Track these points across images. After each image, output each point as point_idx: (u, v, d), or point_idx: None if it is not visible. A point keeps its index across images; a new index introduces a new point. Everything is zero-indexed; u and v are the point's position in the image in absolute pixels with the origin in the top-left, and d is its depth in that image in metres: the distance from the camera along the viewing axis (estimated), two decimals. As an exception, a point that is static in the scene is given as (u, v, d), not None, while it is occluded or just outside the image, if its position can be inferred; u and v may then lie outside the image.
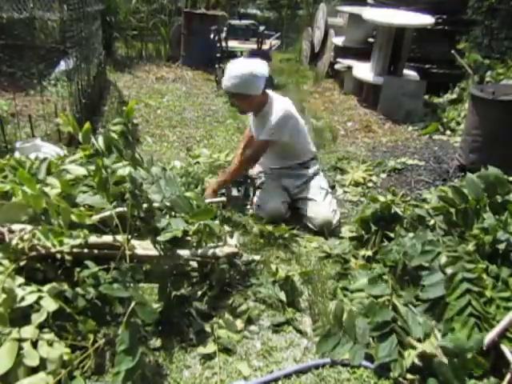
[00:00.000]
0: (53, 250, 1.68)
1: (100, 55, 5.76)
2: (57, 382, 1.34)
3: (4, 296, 1.43)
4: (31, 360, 1.33)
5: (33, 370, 1.34)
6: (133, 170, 2.02)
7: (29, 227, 1.71)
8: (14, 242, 1.66)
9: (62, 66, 4.50)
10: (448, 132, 4.73)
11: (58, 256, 1.76)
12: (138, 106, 5.30)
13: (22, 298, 1.47)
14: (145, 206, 1.86)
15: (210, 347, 1.67)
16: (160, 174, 1.98)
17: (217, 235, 2.03)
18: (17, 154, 2.95)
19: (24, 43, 4.82)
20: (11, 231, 1.71)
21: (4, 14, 4.69)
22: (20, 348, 1.34)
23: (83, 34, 4.44)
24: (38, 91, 4.42)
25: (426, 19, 5.28)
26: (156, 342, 1.68)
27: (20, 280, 1.55)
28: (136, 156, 2.28)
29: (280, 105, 2.73)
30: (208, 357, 1.65)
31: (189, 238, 2.04)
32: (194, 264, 2.01)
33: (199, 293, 1.94)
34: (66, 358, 1.41)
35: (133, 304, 1.45)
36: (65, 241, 1.69)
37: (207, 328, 1.76)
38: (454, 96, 5.51)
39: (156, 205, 1.89)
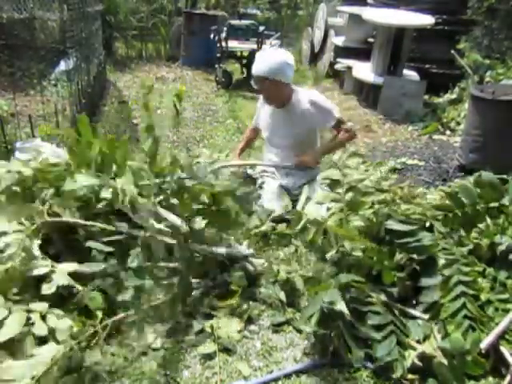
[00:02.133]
0: (68, 219, 1.67)
1: (100, 55, 5.76)
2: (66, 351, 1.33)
3: (23, 254, 1.44)
4: (40, 330, 1.33)
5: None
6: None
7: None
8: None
9: (62, 66, 4.50)
10: (448, 132, 4.73)
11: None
12: (138, 106, 5.30)
13: (36, 267, 1.47)
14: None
15: (210, 347, 1.67)
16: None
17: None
18: (17, 154, 2.95)
19: (24, 43, 4.82)
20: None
21: (4, 14, 4.68)
22: (28, 319, 1.35)
23: (83, 34, 4.44)
24: (38, 91, 4.42)
25: (425, 19, 5.29)
26: (156, 342, 1.68)
27: (37, 242, 1.55)
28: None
29: (313, 91, 2.85)
30: (208, 357, 1.65)
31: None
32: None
33: (199, 293, 1.94)
34: (75, 329, 1.40)
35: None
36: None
37: (207, 328, 1.76)
38: (454, 96, 5.51)
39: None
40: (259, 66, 2.66)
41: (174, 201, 1.85)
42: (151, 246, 1.53)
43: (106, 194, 1.74)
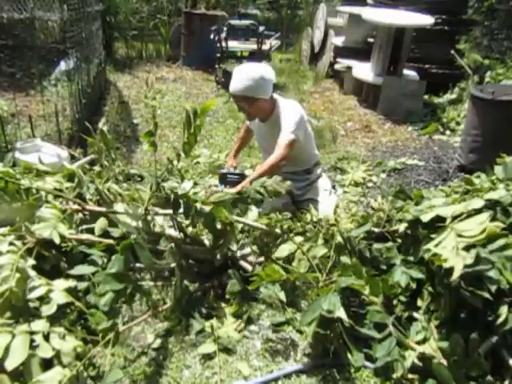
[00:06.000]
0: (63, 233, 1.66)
1: (100, 55, 5.77)
2: (73, 375, 1.33)
3: (18, 275, 1.43)
4: (45, 352, 1.33)
5: (48, 367, 1.33)
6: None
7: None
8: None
9: (63, 66, 4.50)
10: (448, 132, 4.74)
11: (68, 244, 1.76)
12: (138, 106, 5.31)
13: (33, 288, 1.47)
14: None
15: (210, 347, 1.67)
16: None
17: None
18: (17, 155, 2.96)
19: (24, 43, 4.83)
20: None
21: (4, 14, 4.69)
22: (32, 341, 1.34)
23: (83, 34, 4.44)
24: (38, 91, 4.43)
25: (425, 19, 5.29)
26: (156, 342, 1.68)
27: (31, 261, 1.55)
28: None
29: (292, 105, 2.70)
30: (208, 357, 1.64)
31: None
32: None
33: (199, 293, 1.94)
34: (79, 350, 1.40)
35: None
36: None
37: (207, 328, 1.76)
38: (454, 96, 5.52)
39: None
40: (235, 85, 2.57)
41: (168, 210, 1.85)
42: (136, 251, 1.51)
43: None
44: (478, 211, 1.61)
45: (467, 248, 1.51)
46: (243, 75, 2.56)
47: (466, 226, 1.57)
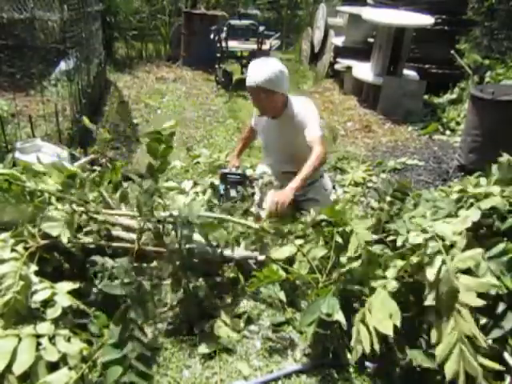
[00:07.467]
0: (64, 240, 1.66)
1: (100, 55, 5.77)
2: (79, 377, 1.33)
3: (22, 283, 1.43)
4: (50, 355, 1.33)
5: (54, 368, 1.34)
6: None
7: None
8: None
9: (63, 66, 4.50)
10: (448, 132, 4.74)
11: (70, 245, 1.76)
12: (138, 106, 5.31)
13: (37, 292, 1.47)
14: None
15: (210, 347, 1.67)
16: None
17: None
18: (17, 155, 2.96)
19: (24, 43, 4.83)
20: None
21: (4, 14, 4.69)
22: (38, 344, 1.34)
23: (83, 34, 4.44)
24: (38, 91, 4.42)
25: (425, 19, 5.29)
26: (156, 342, 1.68)
27: (33, 267, 1.55)
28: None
29: (308, 103, 2.70)
30: (208, 357, 1.65)
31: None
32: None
33: (199, 292, 1.94)
34: (85, 352, 1.40)
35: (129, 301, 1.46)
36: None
37: (207, 328, 1.76)
38: (454, 96, 5.52)
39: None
40: (255, 76, 2.53)
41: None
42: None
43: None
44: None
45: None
46: (264, 68, 2.53)
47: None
